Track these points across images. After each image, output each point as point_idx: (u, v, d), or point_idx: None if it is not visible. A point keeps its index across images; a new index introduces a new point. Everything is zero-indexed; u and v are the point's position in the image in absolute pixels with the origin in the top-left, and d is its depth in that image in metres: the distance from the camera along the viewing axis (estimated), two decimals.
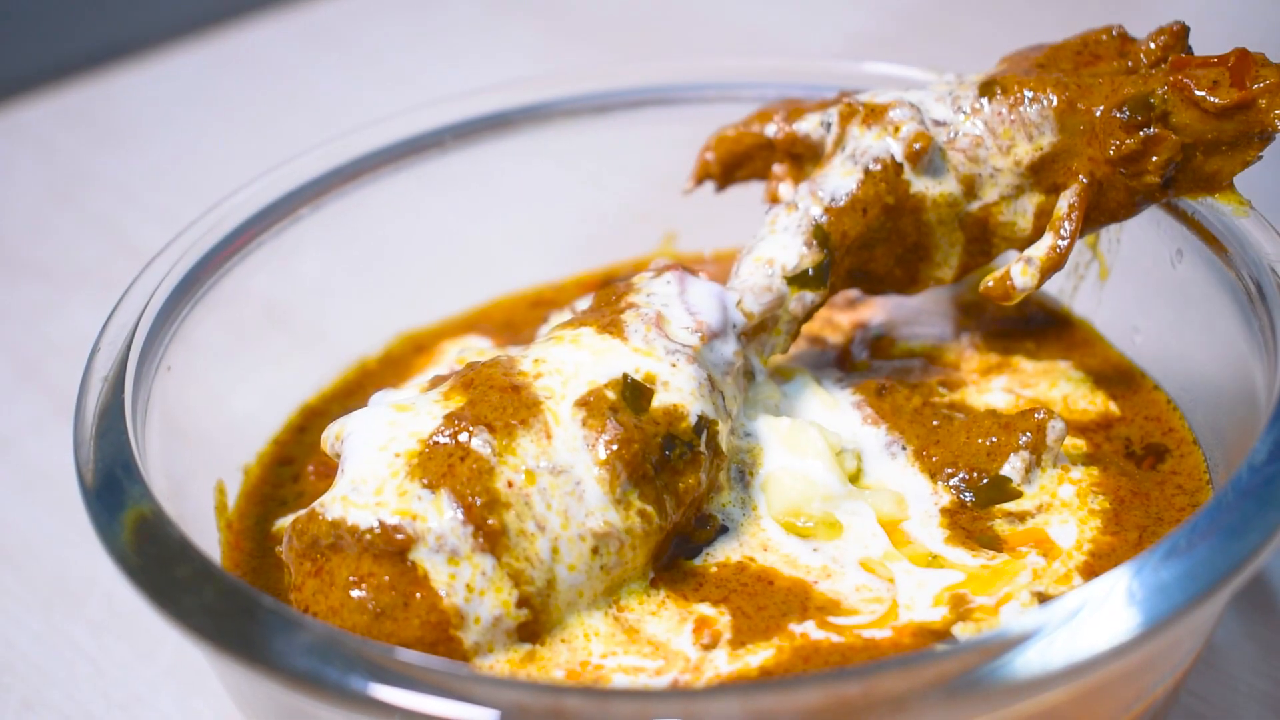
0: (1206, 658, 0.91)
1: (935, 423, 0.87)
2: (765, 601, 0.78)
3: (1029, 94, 0.85)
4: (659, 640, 0.76)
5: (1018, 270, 0.85)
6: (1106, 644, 0.65)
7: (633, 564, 0.78)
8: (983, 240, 0.88)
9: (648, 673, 0.75)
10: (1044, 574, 0.79)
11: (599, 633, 0.76)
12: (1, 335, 1.30)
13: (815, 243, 0.86)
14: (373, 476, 0.76)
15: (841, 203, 0.86)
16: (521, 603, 0.75)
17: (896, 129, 0.86)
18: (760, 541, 0.81)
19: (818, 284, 0.87)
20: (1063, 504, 0.83)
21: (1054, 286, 1.00)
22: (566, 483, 0.76)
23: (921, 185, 0.87)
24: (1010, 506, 0.83)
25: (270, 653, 0.67)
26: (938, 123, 0.86)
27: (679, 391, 0.80)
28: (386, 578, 0.74)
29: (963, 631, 0.75)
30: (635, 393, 0.79)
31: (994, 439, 0.84)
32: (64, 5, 1.73)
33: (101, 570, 1.02)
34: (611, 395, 0.78)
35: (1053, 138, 0.84)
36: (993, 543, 0.81)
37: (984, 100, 0.86)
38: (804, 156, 0.89)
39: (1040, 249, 0.85)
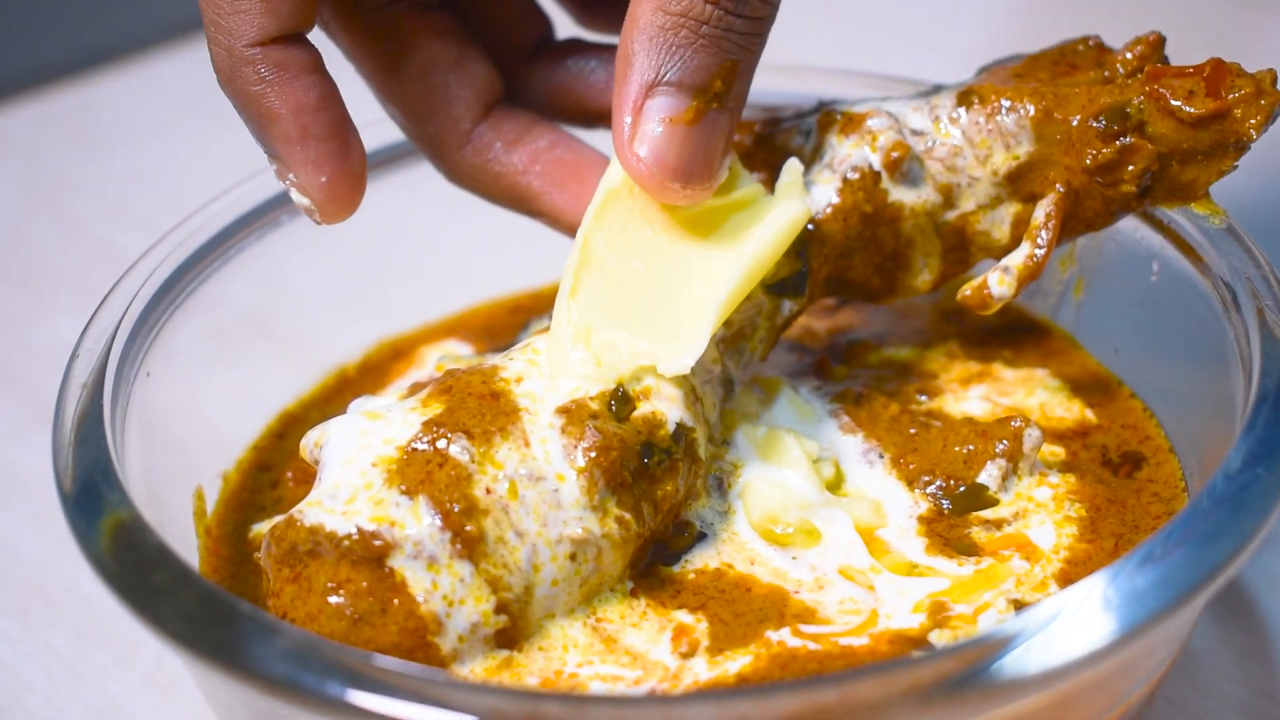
0: (1182, 664, 0.91)
1: (913, 430, 0.87)
2: (743, 608, 0.78)
3: (1006, 104, 0.85)
4: (637, 650, 0.76)
5: (995, 279, 0.85)
6: (1082, 650, 0.65)
7: (610, 571, 0.78)
8: (960, 249, 0.89)
9: (626, 682, 0.75)
10: (1024, 580, 0.79)
11: (577, 643, 0.76)
12: None
13: (793, 251, 0.86)
14: (351, 483, 0.76)
15: (820, 212, 0.86)
16: (499, 609, 0.75)
17: (874, 138, 0.87)
18: (738, 549, 0.82)
19: (796, 293, 0.87)
20: (1039, 508, 0.84)
21: (1031, 295, 1.01)
22: (545, 489, 0.76)
23: (899, 194, 0.87)
24: (987, 514, 0.83)
25: (248, 658, 0.67)
26: (915, 132, 0.87)
27: (660, 398, 0.80)
28: (364, 584, 0.74)
29: (939, 639, 0.76)
30: (623, 403, 0.79)
31: (971, 447, 0.85)
32: (43, 11, 1.73)
33: (80, 576, 1.02)
34: (592, 403, 0.79)
35: (1030, 147, 0.85)
36: (970, 549, 0.81)
37: (961, 110, 0.86)
38: (782, 164, 0.89)
39: (1017, 258, 0.85)
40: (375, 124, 0.92)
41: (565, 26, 0.94)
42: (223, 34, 0.78)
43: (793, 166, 0.86)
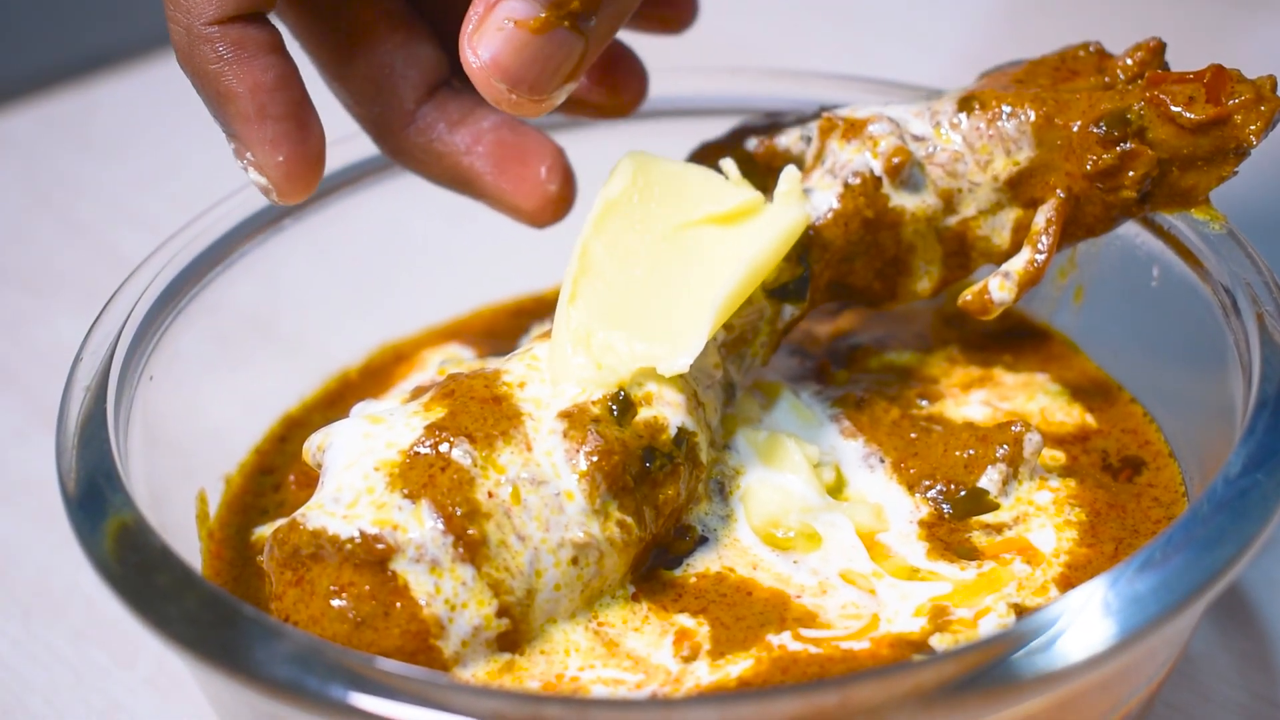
0: (1182, 668, 0.91)
1: (913, 435, 0.87)
2: (744, 612, 0.79)
3: (1007, 109, 0.85)
4: (639, 654, 0.76)
5: (995, 284, 0.85)
6: (1082, 655, 0.65)
7: (612, 574, 0.78)
8: (961, 254, 0.89)
9: (628, 686, 0.75)
10: (1025, 584, 0.80)
11: (579, 647, 0.77)
12: None
13: (794, 256, 0.86)
14: (353, 486, 0.76)
15: (821, 217, 0.87)
16: (501, 613, 0.75)
17: (875, 143, 0.87)
18: (739, 553, 0.82)
19: (797, 297, 0.87)
20: (1039, 512, 0.84)
21: (1031, 300, 1.01)
22: (547, 494, 0.76)
23: (900, 200, 0.87)
24: (988, 518, 0.84)
25: (251, 661, 0.67)
26: (916, 138, 0.87)
27: (662, 403, 0.80)
28: (367, 587, 0.74)
29: (940, 643, 0.76)
30: (625, 407, 0.79)
31: (971, 451, 0.85)
32: (47, 14, 1.73)
33: (81, 578, 1.03)
34: (594, 408, 0.79)
35: (1030, 153, 0.85)
36: (971, 554, 0.82)
37: (962, 115, 0.86)
38: (783, 170, 0.89)
39: (1018, 263, 0.85)
40: None
41: None
42: (181, 11, 0.78)
43: (790, 174, 0.86)
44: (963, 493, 0.84)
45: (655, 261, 0.82)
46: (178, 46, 0.79)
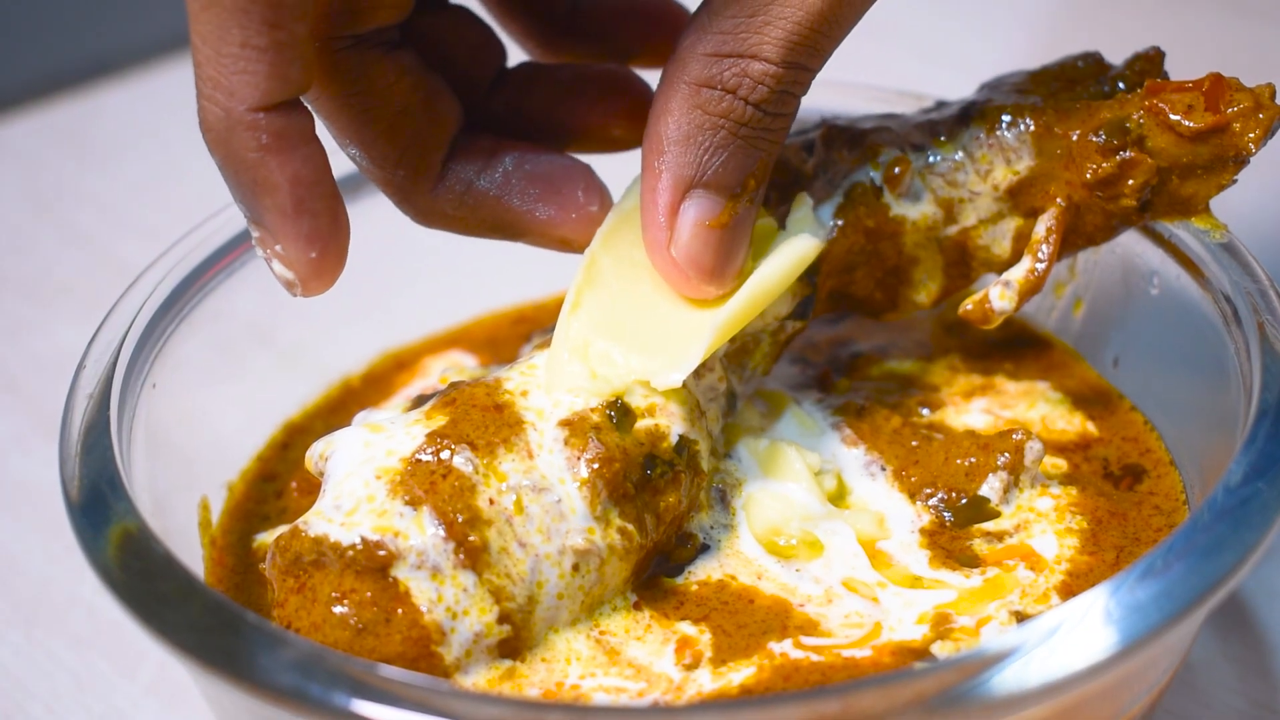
0: (1183, 676, 0.91)
1: (914, 443, 0.87)
2: (746, 620, 0.79)
3: (1006, 119, 0.85)
4: (640, 663, 0.77)
5: (996, 293, 0.85)
6: (1083, 663, 0.65)
7: (613, 581, 0.78)
8: (962, 263, 0.89)
9: (629, 694, 0.75)
10: (1027, 591, 0.80)
11: (580, 655, 0.77)
12: None
13: (803, 276, 0.86)
14: (355, 494, 0.76)
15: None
16: (502, 619, 0.75)
17: (876, 153, 0.87)
18: (741, 561, 0.82)
19: (802, 315, 0.88)
20: (1040, 518, 0.84)
21: (1033, 308, 1.01)
22: (548, 501, 0.77)
23: (901, 209, 0.87)
24: (989, 526, 0.84)
25: (253, 668, 0.67)
26: (917, 147, 0.87)
27: (663, 412, 0.80)
28: (368, 594, 0.74)
29: (941, 650, 0.76)
30: (623, 414, 0.79)
31: (972, 459, 0.85)
32: (48, 22, 1.73)
33: (83, 585, 1.03)
34: (594, 416, 0.79)
35: (1030, 162, 0.85)
36: (972, 561, 0.82)
37: (963, 125, 0.86)
38: (785, 181, 0.89)
39: (1018, 272, 0.85)
40: None
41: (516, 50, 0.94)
42: (222, 92, 0.72)
43: (804, 200, 0.86)
44: (964, 500, 0.84)
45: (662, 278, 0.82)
46: (210, 128, 0.73)
